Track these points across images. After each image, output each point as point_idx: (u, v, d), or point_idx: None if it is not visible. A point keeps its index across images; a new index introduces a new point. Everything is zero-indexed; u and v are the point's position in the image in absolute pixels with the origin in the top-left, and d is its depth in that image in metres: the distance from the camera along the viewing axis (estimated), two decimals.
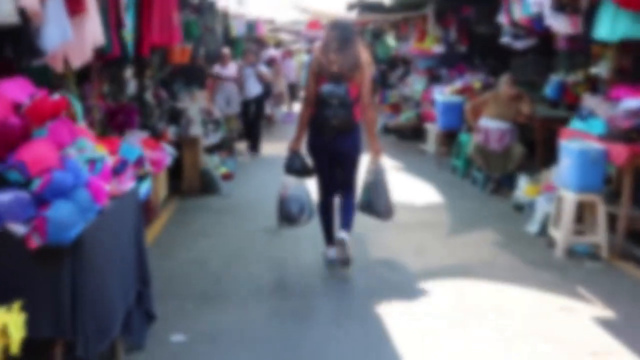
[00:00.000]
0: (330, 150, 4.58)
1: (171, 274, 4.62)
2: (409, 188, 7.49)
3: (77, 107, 3.17)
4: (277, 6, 13.58)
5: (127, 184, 3.16)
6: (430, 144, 9.84)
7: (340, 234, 4.57)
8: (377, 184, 4.74)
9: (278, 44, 20.78)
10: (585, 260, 4.98)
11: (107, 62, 4.99)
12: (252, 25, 10.72)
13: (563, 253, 5.06)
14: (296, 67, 17.05)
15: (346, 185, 4.74)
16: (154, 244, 5.35)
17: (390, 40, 13.05)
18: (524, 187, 6.56)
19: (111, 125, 5.66)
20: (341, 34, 4.51)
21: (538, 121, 7.24)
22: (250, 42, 17.17)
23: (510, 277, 4.60)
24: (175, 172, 7.14)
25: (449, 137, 8.94)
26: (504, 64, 10.41)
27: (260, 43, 18.69)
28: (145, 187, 3.91)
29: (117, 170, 3.07)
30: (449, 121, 8.63)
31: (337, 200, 4.84)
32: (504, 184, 7.25)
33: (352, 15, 10.37)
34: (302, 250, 5.21)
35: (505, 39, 7.41)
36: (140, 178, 3.98)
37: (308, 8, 10.80)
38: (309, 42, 22.55)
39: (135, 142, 5.82)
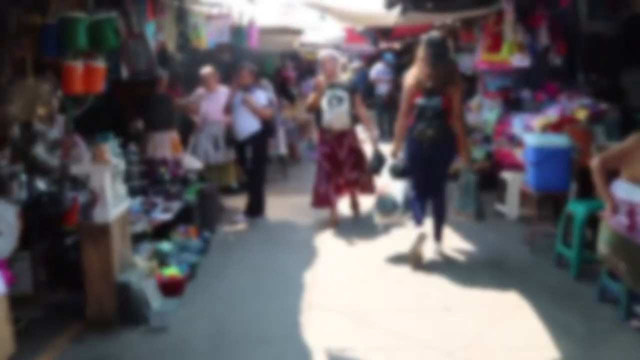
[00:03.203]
0: (426, 157, 5.06)
1: None
2: (483, 314, 4.23)
3: None
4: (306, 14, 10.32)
5: None
6: (512, 205, 6.45)
7: (436, 244, 5.33)
8: (468, 186, 5.27)
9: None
10: None
11: None
12: (242, 32, 7.26)
13: None
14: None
15: (437, 188, 5.25)
16: None
17: None
18: None
19: None
20: (436, 51, 4.98)
21: None
22: (286, 58, 14.03)
23: None
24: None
25: (549, 199, 5.65)
26: (615, 82, 7.04)
27: (299, 60, 15.52)
28: None
29: None
30: (547, 177, 5.23)
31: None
32: None
33: (393, 16, 7.18)
34: None
35: None
36: None
37: (326, 5, 7.64)
38: (352, 58, 19.29)
39: None
